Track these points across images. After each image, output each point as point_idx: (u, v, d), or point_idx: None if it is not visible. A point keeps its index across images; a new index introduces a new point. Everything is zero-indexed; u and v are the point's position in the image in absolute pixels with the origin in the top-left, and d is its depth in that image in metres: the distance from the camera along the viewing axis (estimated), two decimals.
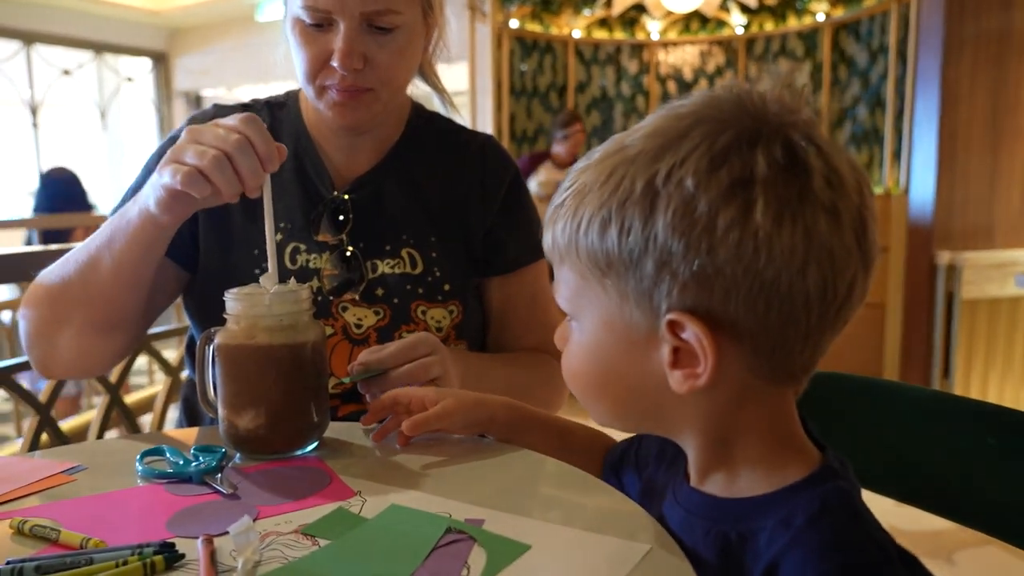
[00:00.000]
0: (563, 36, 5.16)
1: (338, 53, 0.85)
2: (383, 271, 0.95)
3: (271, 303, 0.70)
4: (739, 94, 0.49)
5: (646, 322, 0.49)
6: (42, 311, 0.86)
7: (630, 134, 0.51)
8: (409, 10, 0.88)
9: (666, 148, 0.47)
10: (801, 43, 4.94)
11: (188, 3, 6.53)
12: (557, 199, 0.53)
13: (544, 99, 5.18)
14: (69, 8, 6.37)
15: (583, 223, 0.50)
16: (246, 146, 0.71)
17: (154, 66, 7.41)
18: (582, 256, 0.50)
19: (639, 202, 0.47)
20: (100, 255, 0.81)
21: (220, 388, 0.73)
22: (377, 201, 0.97)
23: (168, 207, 0.75)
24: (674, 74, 5.36)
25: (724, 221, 0.45)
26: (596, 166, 0.51)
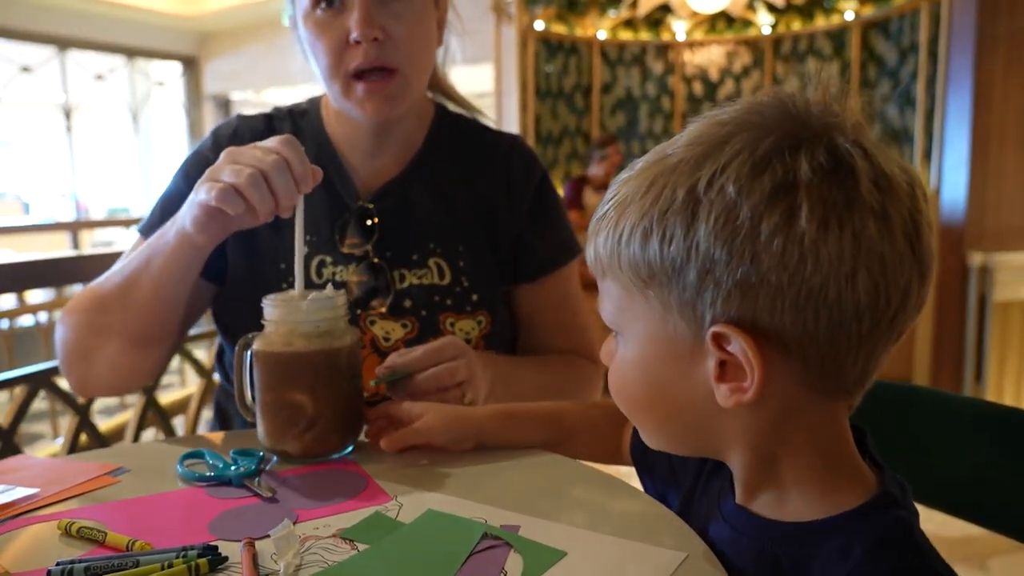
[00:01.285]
0: (588, 37, 5.15)
1: (356, 23, 0.84)
2: (410, 282, 0.94)
3: (308, 309, 0.72)
4: (782, 99, 0.48)
5: (691, 334, 0.48)
6: (80, 330, 0.87)
7: (671, 143, 0.50)
8: None
9: (707, 155, 0.46)
10: (829, 42, 4.89)
11: (217, 8, 6.62)
12: (599, 211, 0.52)
13: (569, 100, 5.17)
14: (102, 14, 6.48)
15: (625, 234, 0.49)
16: (282, 166, 0.72)
17: (184, 70, 7.52)
18: (624, 267, 0.50)
19: (681, 211, 0.46)
20: (139, 275, 0.83)
21: (258, 393, 0.74)
22: (403, 209, 0.96)
23: (204, 226, 0.76)
24: (700, 74, 5.33)
25: (767, 227, 0.44)
26: (637, 176, 0.50)
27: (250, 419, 0.78)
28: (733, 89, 5.28)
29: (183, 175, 0.96)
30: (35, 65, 6.41)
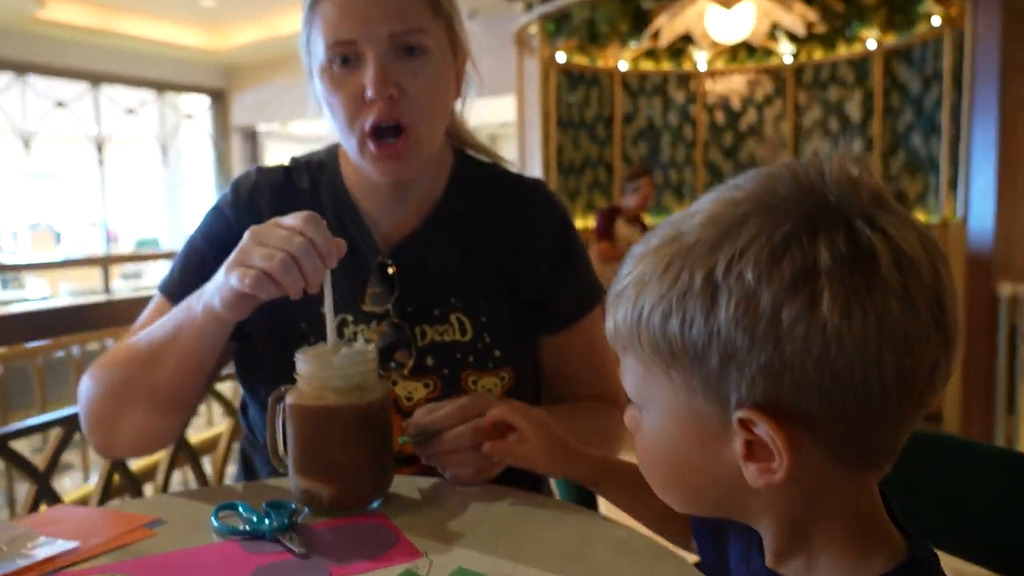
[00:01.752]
0: (609, 68, 5.20)
1: (371, 81, 0.84)
2: (432, 338, 0.93)
3: (340, 364, 0.73)
4: (795, 173, 0.48)
5: (716, 415, 0.48)
6: (105, 394, 0.87)
7: (686, 219, 0.50)
8: (435, 31, 0.88)
9: (724, 238, 0.46)
10: (851, 70, 4.89)
11: (244, 43, 6.77)
12: (617, 286, 0.52)
13: (591, 130, 5.21)
14: (134, 50, 6.66)
15: (644, 314, 0.49)
16: (309, 248, 0.73)
17: (212, 103, 7.68)
18: (645, 347, 0.50)
19: (700, 295, 0.46)
20: (166, 347, 0.83)
21: (290, 446, 0.76)
22: (423, 263, 0.95)
23: (233, 307, 0.77)
24: (722, 103, 5.35)
25: (789, 315, 0.44)
26: (654, 255, 0.50)
27: (283, 470, 0.79)
28: (755, 118, 5.29)
29: (203, 233, 0.97)
30: (69, 100, 6.58)
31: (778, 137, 5.25)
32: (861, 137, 4.85)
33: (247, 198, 0.96)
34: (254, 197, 0.96)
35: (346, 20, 0.85)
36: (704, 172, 5.41)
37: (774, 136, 5.26)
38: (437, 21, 0.89)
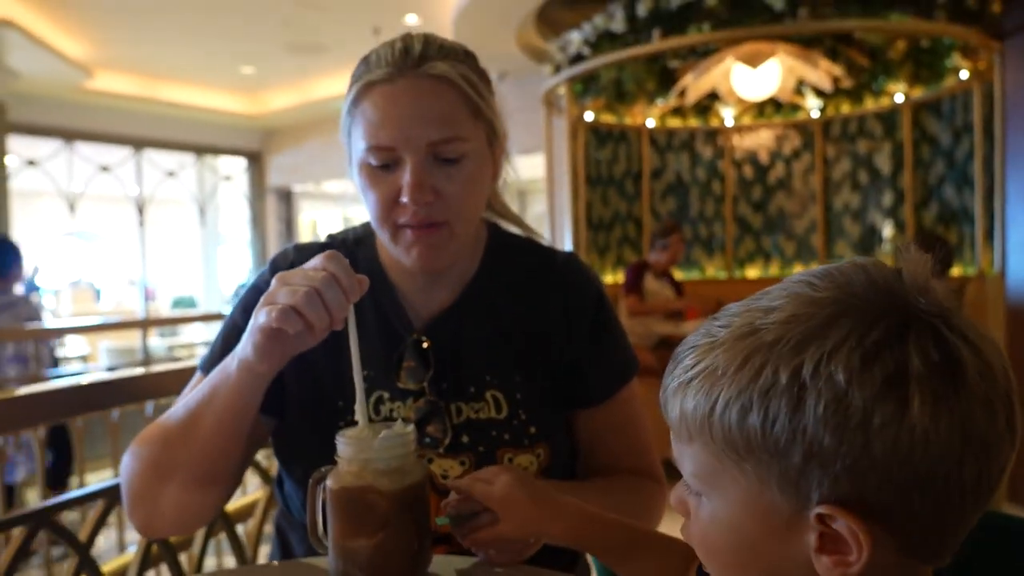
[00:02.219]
0: (637, 125, 5.26)
1: (407, 188, 0.84)
2: (467, 416, 0.93)
3: (380, 447, 0.74)
4: (869, 273, 0.49)
5: (791, 508, 0.48)
6: (145, 471, 0.87)
7: (761, 315, 0.50)
8: (474, 137, 0.89)
9: (809, 339, 0.47)
10: (880, 124, 4.90)
11: (280, 107, 6.99)
12: (682, 375, 0.52)
13: (620, 186, 5.25)
14: (175, 116, 6.91)
15: (719, 407, 0.49)
16: (331, 281, 0.75)
17: (249, 165, 7.91)
18: (717, 439, 0.50)
19: (785, 393, 0.46)
20: (202, 410, 0.84)
21: (331, 527, 0.76)
22: (458, 341, 0.95)
23: (265, 350, 0.77)
24: (750, 157, 5.38)
25: (880, 418, 0.45)
26: (728, 348, 0.50)
27: (322, 551, 0.79)
28: (784, 172, 5.30)
29: (242, 311, 0.97)
30: (113, 164, 6.82)
31: (807, 190, 5.24)
32: (892, 189, 4.83)
33: None
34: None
35: (386, 126, 0.85)
36: (734, 226, 5.41)
37: (803, 189, 5.26)
38: (477, 123, 0.89)
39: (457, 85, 0.86)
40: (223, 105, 6.95)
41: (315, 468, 0.80)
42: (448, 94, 0.86)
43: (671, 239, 4.36)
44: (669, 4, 3.77)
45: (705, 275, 5.44)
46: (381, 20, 4.89)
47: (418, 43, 0.87)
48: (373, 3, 4.63)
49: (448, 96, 0.86)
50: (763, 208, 5.38)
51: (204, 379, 0.93)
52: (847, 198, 5.09)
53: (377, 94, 0.86)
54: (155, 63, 5.92)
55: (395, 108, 0.85)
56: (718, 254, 5.44)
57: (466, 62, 0.89)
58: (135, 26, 4.91)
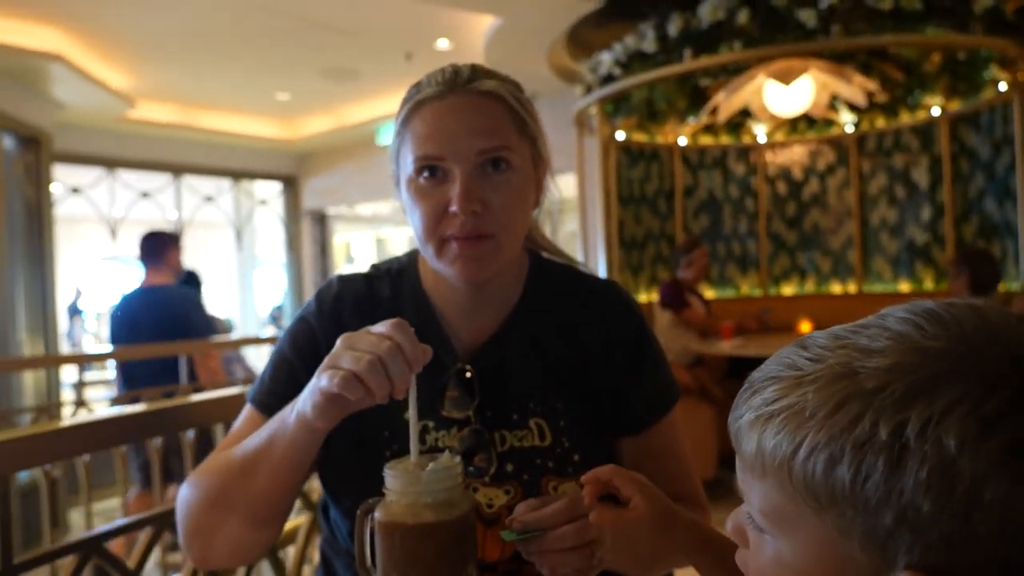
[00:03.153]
0: (669, 143, 5.26)
1: (456, 198, 0.86)
2: (511, 444, 0.94)
3: (428, 480, 0.75)
4: (989, 324, 0.46)
5: (870, 566, 0.45)
6: (203, 505, 0.89)
7: (859, 356, 0.46)
8: (520, 151, 0.90)
9: (916, 394, 0.43)
10: (916, 138, 4.83)
11: (316, 132, 7.11)
12: (761, 405, 0.49)
13: (652, 205, 5.24)
14: (214, 142, 7.07)
15: (803, 451, 0.46)
16: (396, 352, 0.75)
17: (284, 188, 8.04)
18: (796, 482, 0.46)
19: (883, 450, 0.43)
20: (260, 460, 0.86)
21: (379, 558, 0.77)
22: (502, 369, 0.96)
23: (324, 411, 0.79)
24: (783, 174, 5.34)
25: (991, 494, 0.41)
26: (820, 387, 0.46)
27: None
28: (818, 187, 5.25)
29: (290, 343, 0.99)
30: (153, 190, 6.98)
31: (842, 206, 5.18)
32: (930, 204, 4.76)
33: (330, 308, 1.00)
34: (337, 307, 0.99)
35: (435, 137, 0.87)
36: (768, 243, 5.36)
37: (838, 205, 5.20)
38: (522, 139, 0.91)
39: (505, 100, 0.90)
40: (259, 131, 7.09)
41: (362, 498, 0.81)
42: (496, 108, 0.89)
43: (695, 254, 4.37)
44: (700, 23, 3.77)
45: (739, 293, 5.39)
46: (413, 45, 4.97)
47: (467, 67, 0.91)
48: (405, 29, 4.70)
49: (496, 110, 0.89)
50: (798, 224, 5.32)
51: (256, 416, 0.96)
52: (884, 213, 5.02)
53: (427, 110, 0.89)
54: (194, 92, 6.07)
55: (445, 121, 0.88)
56: (752, 271, 5.39)
57: (512, 84, 0.93)
58: (175, 57, 5.04)
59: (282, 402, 0.90)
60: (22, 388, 4.81)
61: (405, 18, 4.50)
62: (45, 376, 5.01)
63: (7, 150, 4.88)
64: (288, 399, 0.89)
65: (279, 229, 8.23)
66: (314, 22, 4.49)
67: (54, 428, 1.19)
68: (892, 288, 4.99)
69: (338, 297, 1.01)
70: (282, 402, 0.90)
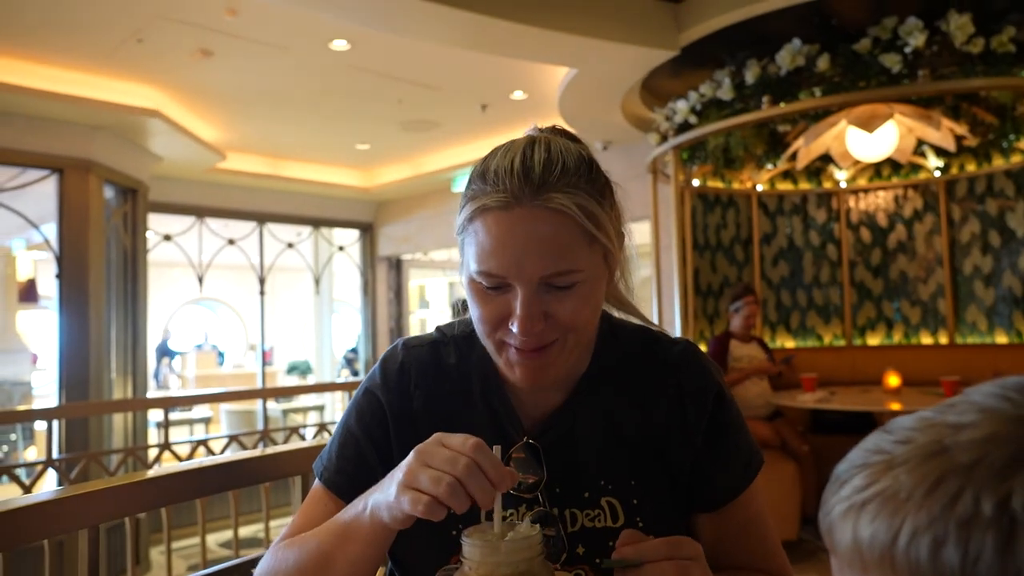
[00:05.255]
0: (746, 190, 5.17)
1: (518, 319, 0.82)
2: (582, 523, 0.89)
3: (508, 551, 0.72)
4: None
5: None
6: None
7: (949, 432, 0.45)
8: (589, 264, 0.84)
9: (1017, 463, 0.42)
10: (1011, 182, 4.62)
11: (392, 180, 7.30)
12: (852, 494, 0.47)
13: (728, 252, 5.15)
14: (296, 191, 7.34)
15: (903, 536, 0.44)
16: (476, 471, 0.73)
17: (361, 235, 8.25)
18: (901, 572, 0.44)
19: (991, 526, 0.41)
20: (333, 554, 0.83)
21: None
22: (570, 443, 0.92)
23: (403, 523, 0.77)
24: (866, 220, 5.17)
25: None
26: (912, 468, 0.45)
27: None
28: (905, 234, 5.06)
29: (357, 418, 0.96)
30: (238, 237, 7.27)
31: (932, 253, 4.97)
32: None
33: (396, 379, 0.96)
34: (403, 378, 0.96)
35: (499, 255, 0.82)
36: (852, 291, 5.17)
37: (927, 252, 4.99)
38: (593, 249, 0.85)
39: (574, 217, 0.81)
40: (339, 179, 7.32)
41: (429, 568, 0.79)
42: (564, 226, 0.81)
43: (743, 301, 4.29)
44: (778, 70, 3.72)
45: (822, 343, 5.20)
46: (489, 97, 5.07)
47: (539, 165, 0.82)
48: (482, 81, 4.81)
49: (564, 228, 0.81)
50: (883, 272, 5.13)
51: (325, 496, 0.94)
52: (977, 261, 4.78)
53: (491, 220, 0.82)
54: (280, 143, 6.33)
55: (509, 237, 0.81)
56: (836, 320, 5.20)
57: (586, 182, 0.84)
58: (263, 111, 5.29)
59: (351, 480, 0.89)
60: (112, 429, 5.02)
61: (482, 71, 4.60)
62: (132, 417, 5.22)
63: (107, 200, 5.18)
64: (357, 477, 0.89)
65: (355, 274, 8.43)
66: (394, 76, 4.64)
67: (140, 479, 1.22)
68: (988, 339, 4.72)
69: (403, 367, 0.97)
70: (351, 480, 0.89)
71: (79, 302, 4.75)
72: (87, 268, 4.80)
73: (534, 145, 0.84)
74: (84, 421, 4.52)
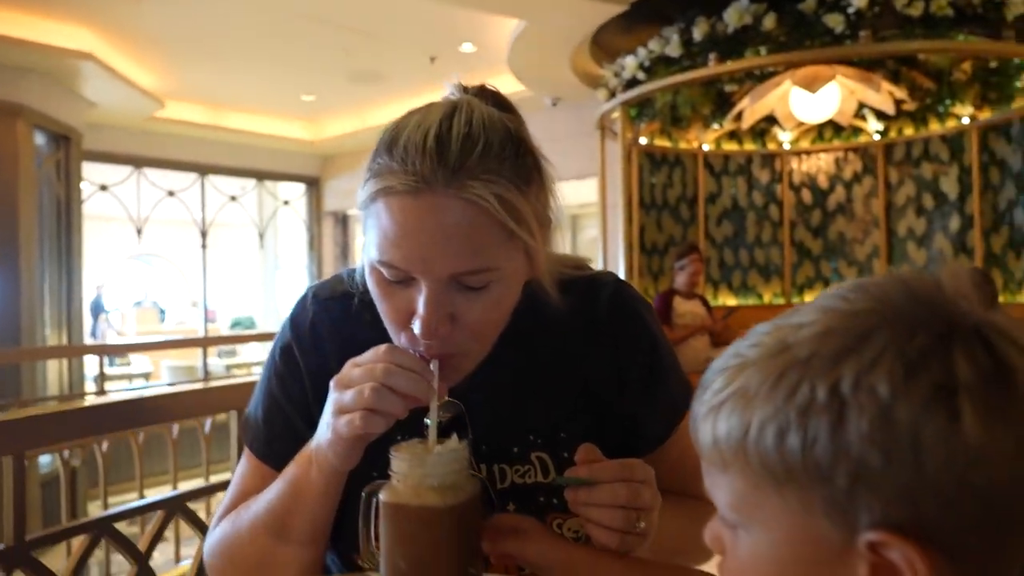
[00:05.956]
0: (692, 149, 5.23)
1: (420, 320, 0.74)
2: (512, 480, 0.86)
3: (435, 463, 0.73)
4: (908, 284, 0.46)
5: (838, 536, 0.45)
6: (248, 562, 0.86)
7: (792, 331, 0.47)
8: (507, 260, 0.76)
9: (847, 351, 0.44)
10: (945, 147, 4.76)
11: (339, 133, 7.16)
12: (711, 398, 0.50)
13: (674, 211, 5.21)
14: (239, 143, 7.14)
15: (753, 430, 0.46)
16: (396, 370, 0.72)
17: (307, 190, 8.10)
18: (754, 464, 0.46)
19: (824, 411, 0.43)
20: (288, 516, 0.82)
21: (383, 542, 0.76)
22: (495, 399, 0.87)
23: (353, 452, 0.76)
24: (808, 182, 5.28)
25: (930, 432, 0.41)
26: (760, 365, 0.47)
27: (371, 567, 0.79)
28: (844, 196, 5.19)
29: (278, 382, 0.91)
30: (179, 190, 7.07)
31: (869, 215, 5.11)
32: (959, 214, 4.68)
33: (309, 336, 0.91)
34: (316, 335, 0.91)
35: (403, 247, 0.73)
36: (792, 251, 5.30)
37: (864, 214, 5.14)
38: (512, 243, 0.76)
39: (491, 211, 0.72)
40: (284, 132, 7.15)
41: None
42: (480, 219, 0.72)
43: (688, 259, 4.35)
44: (726, 28, 3.74)
45: (762, 301, 5.33)
46: (437, 49, 4.98)
47: (456, 143, 0.72)
48: (430, 32, 4.72)
49: (480, 222, 0.73)
50: (822, 233, 5.26)
51: (260, 467, 0.90)
52: (912, 223, 4.94)
53: (396, 205, 0.73)
54: (221, 92, 6.14)
55: (416, 228, 0.72)
56: (775, 280, 5.34)
57: (510, 167, 0.74)
58: (203, 58, 5.11)
59: (285, 448, 0.86)
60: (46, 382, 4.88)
61: (430, 21, 4.52)
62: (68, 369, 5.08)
63: (38, 147, 4.96)
64: (288, 445, 0.85)
65: (301, 230, 8.30)
66: (340, 25, 4.52)
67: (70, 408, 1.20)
68: None
69: (314, 325, 0.92)
70: (285, 448, 0.86)
71: (9, 253, 4.57)
72: (16, 217, 4.61)
73: (453, 116, 0.74)
74: (15, 371, 4.38)
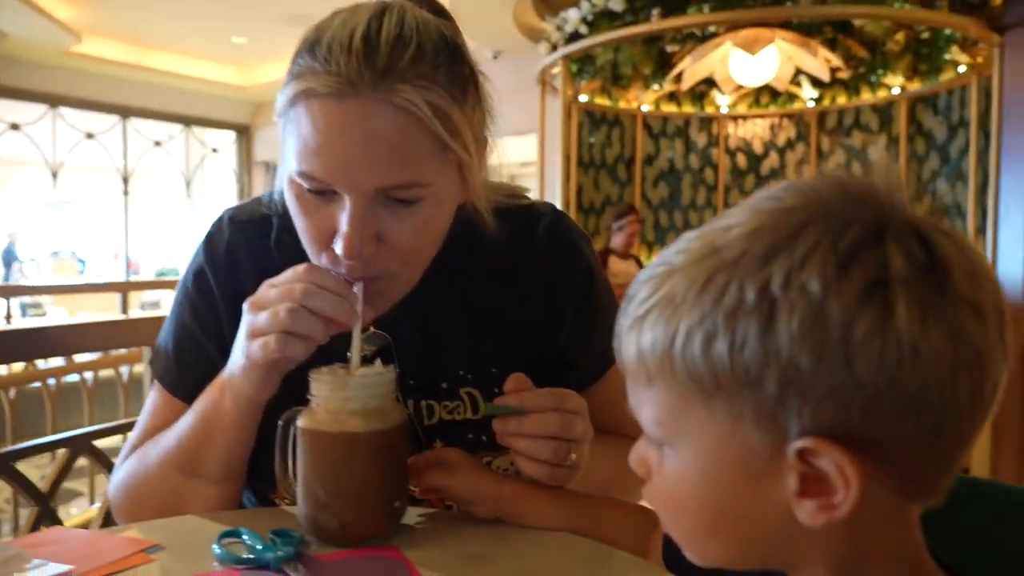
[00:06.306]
0: (631, 110, 5.22)
1: (341, 238, 0.69)
2: (440, 417, 0.83)
3: (358, 386, 0.69)
4: (842, 182, 0.44)
5: (767, 447, 0.43)
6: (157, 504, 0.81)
7: (720, 233, 0.45)
8: (439, 176, 0.71)
9: (777, 249, 0.42)
10: (875, 116, 4.87)
11: (273, 80, 6.89)
12: (636, 309, 0.47)
13: (612, 171, 5.22)
14: (164, 85, 6.80)
15: (680, 338, 0.43)
16: (315, 290, 0.68)
17: (237, 138, 7.80)
18: (680, 374, 0.44)
19: (753, 312, 0.41)
20: (201, 450, 0.78)
21: (301, 472, 0.71)
22: (425, 331, 0.84)
23: (266, 382, 0.72)
24: (744, 147, 5.35)
25: (862, 328, 0.39)
26: (687, 271, 0.44)
27: (289, 497, 0.75)
28: (777, 162, 5.28)
29: (190, 309, 0.85)
30: (98, 132, 6.71)
31: None
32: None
33: (225, 259, 0.86)
34: (232, 258, 0.86)
35: (324, 155, 0.68)
36: None
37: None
38: (445, 158, 0.71)
39: (423, 118, 0.67)
40: (213, 75, 6.84)
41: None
42: (411, 127, 0.67)
43: (626, 220, 4.39)
44: None
45: None
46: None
47: (385, 44, 0.66)
48: None
49: (410, 130, 0.68)
50: None
51: (171, 400, 0.85)
52: None
53: (318, 109, 0.67)
54: (145, 30, 5.81)
55: (339, 135, 0.67)
56: None
57: (445, 74, 0.69)
58: None
59: (196, 380, 0.80)
60: None
61: None
62: None
63: None
64: (201, 376, 0.80)
65: (231, 179, 8.01)
66: None
67: None
68: None
69: (231, 247, 0.86)
70: (196, 380, 0.80)
71: None
72: None
73: (383, 16, 0.69)
74: None
